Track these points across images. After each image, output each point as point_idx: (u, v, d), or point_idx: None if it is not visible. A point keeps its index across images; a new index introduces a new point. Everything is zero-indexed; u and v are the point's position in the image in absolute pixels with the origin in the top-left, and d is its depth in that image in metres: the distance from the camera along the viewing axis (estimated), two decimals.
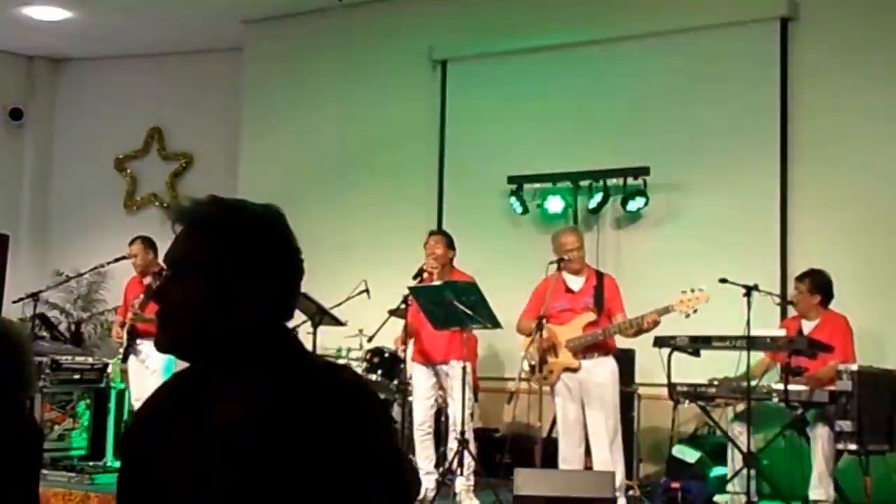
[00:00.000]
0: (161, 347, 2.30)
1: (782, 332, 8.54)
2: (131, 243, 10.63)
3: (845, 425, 7.89)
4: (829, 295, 8.80)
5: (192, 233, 2.33)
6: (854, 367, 7.98)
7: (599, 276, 8.72)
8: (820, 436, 8.15)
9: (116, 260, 10.76)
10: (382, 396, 10.49)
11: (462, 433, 8.45)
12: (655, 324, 8.19)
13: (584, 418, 8.45)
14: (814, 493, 8.12)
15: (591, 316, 8.44)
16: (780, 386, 8.11)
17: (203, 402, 2.24)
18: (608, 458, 8.26)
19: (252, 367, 2.22)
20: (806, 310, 8.82)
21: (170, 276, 2.34)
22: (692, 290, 8.10)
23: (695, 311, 8.07)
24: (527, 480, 7.59)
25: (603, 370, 8.44)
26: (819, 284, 8.78)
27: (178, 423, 2.25)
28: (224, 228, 2.30)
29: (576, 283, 8.70)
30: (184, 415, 2.26)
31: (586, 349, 8.42)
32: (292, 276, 2.32)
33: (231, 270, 2.25)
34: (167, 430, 2.26)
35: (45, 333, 12.67)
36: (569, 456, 8.45)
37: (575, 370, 8.43)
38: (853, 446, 7.94)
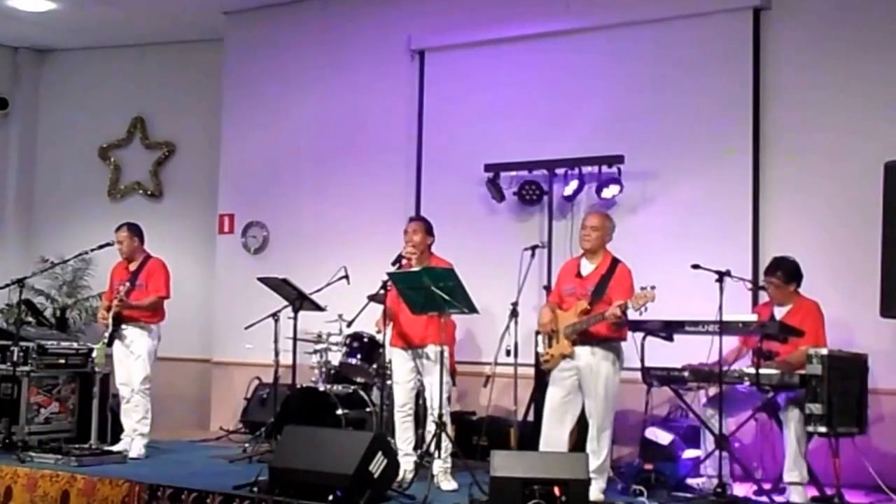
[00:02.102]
0: None
1: (754, 317, 8.61)
2: (118, 230, 10.67)
3: (815, 408, 7.94)
4: (801, 279, 8.91)
5: None
6: (824, 352, 8.03)
7: (614, 263, 8.61)
8: (791, 419, 8.23)
9: (101, 247, 10.80)
10: (362, 380, 10.62)
11: (440, 416, 8.51)
12: (617, 317, 8.09)
13: (583, 404, 8.45)
14: (789, 476, 8.21)
15: (584, 304, 8.38)
16: (752, 370, 8.20)
17: None
18: (595, 444, 8.33)
19: None
20: (782, 299, 8.88)
21: None
22: (643, 288, 7.99)
23: (645, 308, 8.00)
24: (503, 462, 7.56)
25: (596, 359, 8.38)
26: (791, 273, 8.83)
27: None
28: None
29: (587, 268, 8.67)
30: None
31: (583, 337, 8.37)
32: None
33: None
34: None
35: (30, 319, 12.76)
36: (551, 439, 8.44)
37: (571, 357, 8.43)
38: (823, 429, 7.98)
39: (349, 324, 10.29)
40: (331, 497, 7.55)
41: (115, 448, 10.18)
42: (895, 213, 8.03)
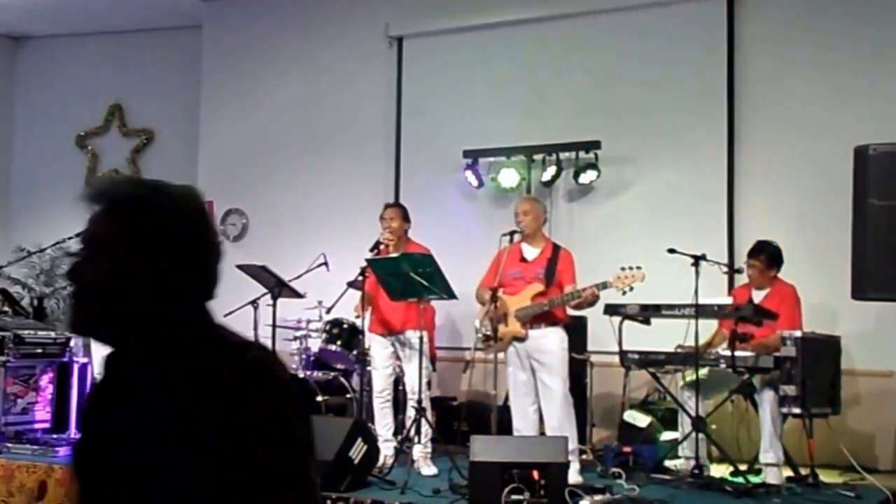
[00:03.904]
0: (75, 328, 2.25)
1: (729, 300, 8.69)
2: None
3: (789, 390, 8.05)
4: (782, 264, 8.98)
5: (109, 212, 2.29)
6: (798, 334, 8.14)
7: (556, 248, 8.74)
8: (766, 400, 8.32)
9: (78, 235, 10.77)
10: (342, 367, 10.64)
11: (419, 402, 8.54)
12: (594, 296, 8.24)
13: (536, 386, 8.57)
14: (765, 457, 8.29)
15: (539, 287, 8.49)
16: (727, 352, 8.25)
17: (126, 381, 2.22)
18: (557, 424, 8.37)
19: (166, 347, 2.19)
20: (761, 282, 8.96)
21: (85, 256, 2.29)
22: (630, 268, 8.13)
23: (631, 288, 8.11)
24: (482, 447, 7.57)
25: (550, 340, 8.47)
26: (773, 257, 8.91)
27: (110, 401, 2.25)
28: (141, 208, 2.25)
29: (530, 252, 8.75)
30: (114, 393, 2.25)
31: (535, 319, 8.46)
32: (209, 257, 2.31)
33: (147, 250, 2.20)
34: (104, 407, 2.26)
35: (7, 308, 12.72)
36: (521, 423, 8.55)
37: (522, 339, 8.52)
38: (797, 410, 8.11)
39: (328, 310, 10.31)
40: None
41: None
42: (864, 197, 8.08)
